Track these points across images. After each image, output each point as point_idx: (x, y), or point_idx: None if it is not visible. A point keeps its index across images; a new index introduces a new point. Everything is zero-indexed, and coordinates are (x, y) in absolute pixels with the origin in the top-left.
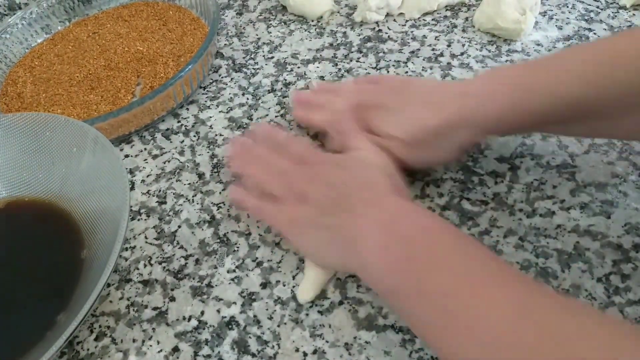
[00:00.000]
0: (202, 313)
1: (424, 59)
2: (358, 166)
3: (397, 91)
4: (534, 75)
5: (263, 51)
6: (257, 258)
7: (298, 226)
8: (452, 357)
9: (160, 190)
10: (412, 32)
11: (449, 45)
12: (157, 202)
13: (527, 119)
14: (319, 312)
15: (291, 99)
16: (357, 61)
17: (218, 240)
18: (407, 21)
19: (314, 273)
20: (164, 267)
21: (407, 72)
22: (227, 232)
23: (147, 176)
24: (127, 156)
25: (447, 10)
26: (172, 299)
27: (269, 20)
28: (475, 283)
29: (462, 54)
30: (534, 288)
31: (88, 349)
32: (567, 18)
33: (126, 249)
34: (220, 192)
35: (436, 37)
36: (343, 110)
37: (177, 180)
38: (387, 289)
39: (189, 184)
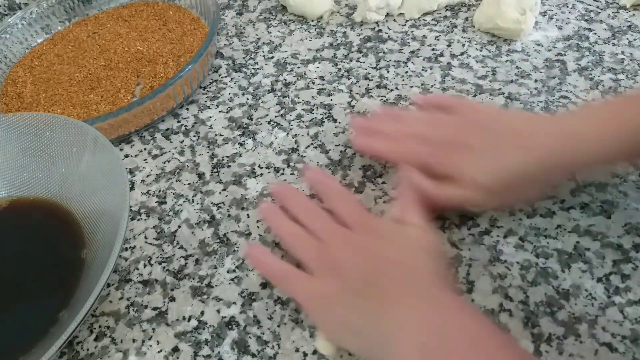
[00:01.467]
0: (202, 313)
1: (424, 59)
2: (404, 244)
3: (481, 127)
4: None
5: (263, 51)
6: None
7: (324, 302)
8: None
9: (160, 190)
10: (412, 32)
11: (449, 45)
12: (157, 202)
13: (636, 153)
14: None
15: (350, 126)
16: (357, 61)
17: (218, 240)
18: (407, 21)
19: None
20: (164, 267)
21: (407, 72)
22: (227, 232)
23: (147, 176)
24: (127, 156)
25: (447, 10)
26: (172, 299)
27: (269, 20)
28: None
29: (462, 54)
30: None
31: (88, 349)
32: (567, 18)
33: (126, 249)
34: (220, 192)
35: (436, 37)
36: (416, 147)
37: (177, 180)
38: None
39: (189, 184)
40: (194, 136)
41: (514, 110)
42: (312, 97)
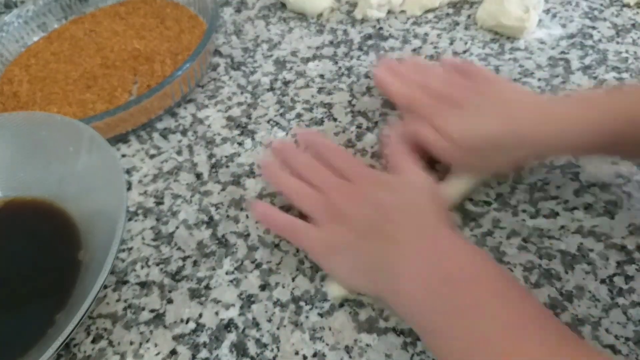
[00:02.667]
0: (200, 315)
1: (425, 57)
2: (406, 190)
3: (478, 91)
4: (620, 99)
5: (262, 49)
6: (256, 259)
7: (333, 250)
8: None
9: (157, 191)
10: (413, 29)
11: (451, 43)
12: (154, 202)
13: (606, 144)
14: (319, 314)
15: (378, 61)
16: (357, 59)
17: (216, 242)
18: (408, 19)
19: None
20: (162, 269)
21: None
22: (226, 233)
23: (145, 176)
24: (124, 156)
25: (449, 7)
26: (170, 301)
27: (268, 18)
28: (516, 333)
29: (464, 52)
30: (574, 343)
31: (85, 352)
32: (571, 16)
33: (123, 250)
34: (218, 193)
35: (438, 34)
36: (420, 96)
37: (174, 181)
38: (422, 326)
39: (187, 184)
40: (192, 135)
41: (516, 85)
42: (312, 95)
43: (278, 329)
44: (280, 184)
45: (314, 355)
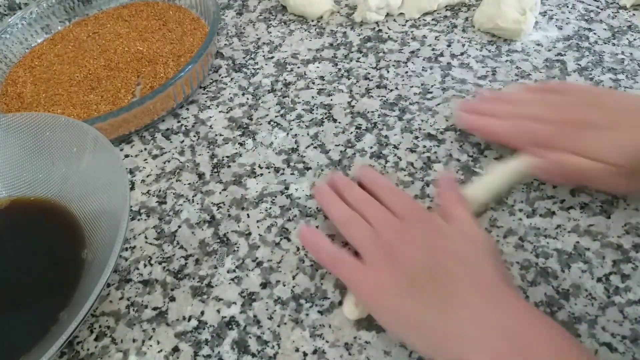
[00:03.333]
0: (202, 313)
1: (424, 59)
2: (462, 239)
3: (598, 105)
4: None
5: (263, 51)
6: (257, 258)
7: (382, 292)
8: None
9: (160, 190)
10: (412, 32)
11: (449, 45)
12: (157, 202)
13: None
14: (319, 312)
15: (458, 107)
16: (357, 61)
17: (218, 240)
18: (407, 21)
19: None
20: (164, 267)
21: (407, 72)
22: (227, 232)
23: (147, 176)
24: (127, 156)
25: (447, 10)
26: (172, 299)
27: (269, 20)
28: None
29: (462, 54)
30: None
31: (88, 349)
32: (567, 18)
33: (126, 249)
34: (220, 192)
35: (436, 37)
36: (540, 128)
37: (177, 180)
38: None
39: (189, 184)
40: (194, 136)
41: (621, 90)
42: (312, 97)
43: (279, 326)
44: (332, 210)
45: (314, 352)
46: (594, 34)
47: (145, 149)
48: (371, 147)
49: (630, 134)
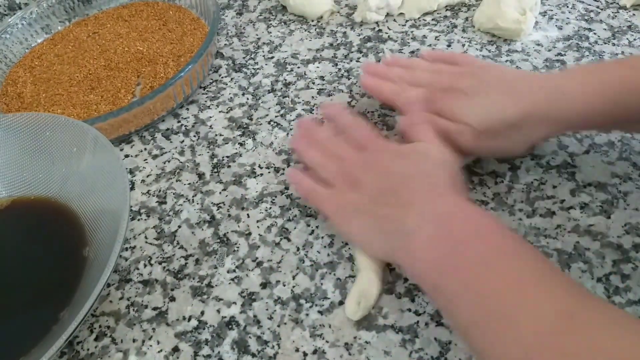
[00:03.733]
0: (202, 313)
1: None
2: (419, 158)
3: (477, 76)
4: (630, 71)
5: (263, 51)
6: (257, 258)
7: (346, 212)
8: (493, 359)
9: (160, 190)
10: (412, 32)
11: (449, 45)
12: (157, 202)
13: (619, 116)
14: (319, 312)
15: (361, 68)
16: (357, 61)
17: (218, 240)
18: (407, 21)
19: (366, 284)
20: (164, 267)
21: None
22: (227, 232)
23: (147, 176)
24: (127, 156)
25: (447, 10)
26: (172, 299)
27: (269, 20)
28: (523, 286)
29: (462, 53)
30: (585, 297)
31: (88, 349)
32: (567, 18)
33: (126, 249)
34: (220, 192)
35: (436, 37)
36: (415, 92)
37: (177, 180)
38: (432, 284)
39: (189, 184)
40: (194, 136)
41: (508, 67)
42: (312, 97)
43: (279, 326)
44: (306, 157)
45: (314, 352)
46: (594, 34)
47: (145, 149)
48: None
49: (484, 100)
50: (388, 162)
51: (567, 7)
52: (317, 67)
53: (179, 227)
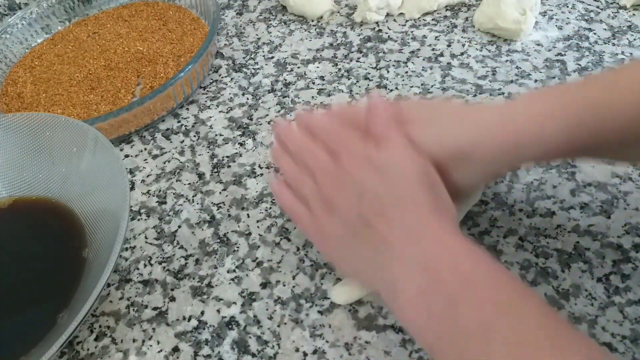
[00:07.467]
0: (202, 313)
1: (424, 59)
2: (394, 175)
3: (423, 106)
4: (596, 92)
5: (263, 51)
6: (257, 258)
7: (326, 240)
8: None
9: (160, 190)
10: (412, 32)
11: (449, 45)
12: (157, 202)
13: (589, 142)
14: (319, 312)
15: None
16: (357, 61)
17: (218, 240)
18: (407, 21)
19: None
20: (164, 267)
21: (407, 72)
22: (227, 232)
23: (147, 176)
24: (127, 156)
25: (447, 10)
26: (172, 299)
27: (269, 20)
28: (526, 355)
29: (462, 54)
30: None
31: (88, 349)
32: (567, 18)
33: (126, 249)
34: (220, 192)
35: (436, 37)
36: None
37: (177, 180)
38: (428, 347)
39: (189, 184)
40: (194, 136)
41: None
42: (312, 97)
43: (279, 326)
44: (280, 168)
45: (314, 352)
46: (594, 34)
47: (145, 149)
48: None
49: (444, 126)
50: (361, 176)
51: (567, 7)
52: (317, 67)
53: (179, 227)
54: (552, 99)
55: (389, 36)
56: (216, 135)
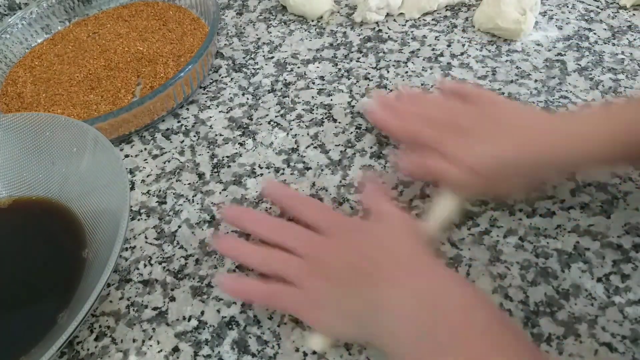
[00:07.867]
0: (202, 313)
1: (424, 59)
2: (384, 232)
3: (483, 116)
4: (636, 111)
5: (263, 51)
6: None
7: (317, 304)
8: None
9: (160, 190)
10: (412, 32)
11: (449, 45)
12: (157, 202)
13: (627, 155)
14: None
15: (374, 98)
16: (357, 61)
17: None
18: (407, 21)
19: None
20: (164, 267)
21: (407, 72)
22: (227, 232)
23: (147, 176)
24: (127, 156)
25: (447, 10)
26: (172, 299)
27: (269, 20)
28: None
29: (462, 54)
30: None
31: (88, 349)
32: (567, 18)
33: (126, 249)
34: (220, 192)
35: (436, 37)
36: (419, 126)
37: (177, 180)
38: None
39: (189, 184)
40: (194, 136)
41: (521, 104)
42: (312, 97)
43: (279, 326)
44: (243, 257)
45: (314, 352)
46: (594, 34)
47: (145, 149)
48: (371, 147)
49: (492, 145)
50: (351, 239)
51: (567, 7)
52: (317, 67)
53: (179, 227)
54: (600, 122)
55: (389, 36)
56: (216, 135)
